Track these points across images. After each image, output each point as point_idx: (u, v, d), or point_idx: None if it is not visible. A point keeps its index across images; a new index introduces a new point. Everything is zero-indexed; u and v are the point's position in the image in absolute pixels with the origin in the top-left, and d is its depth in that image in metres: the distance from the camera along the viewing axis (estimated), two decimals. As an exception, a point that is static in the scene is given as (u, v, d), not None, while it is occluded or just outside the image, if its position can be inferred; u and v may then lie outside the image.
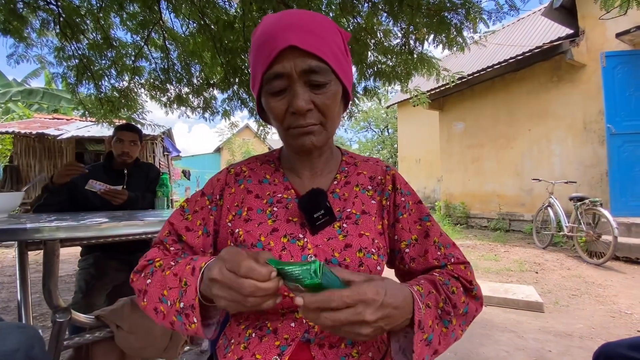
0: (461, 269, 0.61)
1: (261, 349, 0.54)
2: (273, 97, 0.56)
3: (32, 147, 7.76)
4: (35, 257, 3.54)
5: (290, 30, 0.52)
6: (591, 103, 5.03)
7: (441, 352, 0.53)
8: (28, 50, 3.16)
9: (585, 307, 2.50)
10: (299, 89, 0.54)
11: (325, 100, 0.55)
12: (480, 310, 0.61)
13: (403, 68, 3.02)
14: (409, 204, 0.66)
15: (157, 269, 0.57)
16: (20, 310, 1.06)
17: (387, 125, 20.26)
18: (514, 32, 7.09)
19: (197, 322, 0.48)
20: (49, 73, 4.13)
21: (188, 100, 3.90)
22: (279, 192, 0.64)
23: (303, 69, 0.53)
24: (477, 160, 6.89)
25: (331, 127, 0.59)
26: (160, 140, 8.86)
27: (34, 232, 0.79)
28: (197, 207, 0.65)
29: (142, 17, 3.07)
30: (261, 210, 0.62)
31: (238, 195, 0.64)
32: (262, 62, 0.54)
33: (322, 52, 0.53)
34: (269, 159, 0.71)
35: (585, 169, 5.13)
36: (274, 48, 0.52)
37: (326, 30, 0.55)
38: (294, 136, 0.58)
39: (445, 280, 0.57)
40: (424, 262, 0.63)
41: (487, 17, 2.30)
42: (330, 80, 0.55)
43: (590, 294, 2.77)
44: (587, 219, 4.00)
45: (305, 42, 0.52)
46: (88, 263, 1.61)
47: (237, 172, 0.67)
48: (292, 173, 0.67)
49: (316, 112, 0.56)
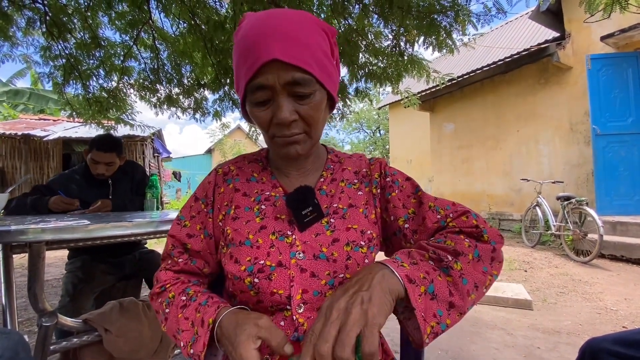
0: (463, 221, 0.59)
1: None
2: (257, 107, 0.56)
3: (17, 148, 7.58)
4: (20, 260, 3.46)
5: (273, 39, 0.50)
6: (577, 104, 5.14)
7: (464, 305, 0.48)
8: (13, 49, 3.10)
9: (572, 304, 2.55)
10: (283, 101, 0.53)
11: (309, 111, 0.55)
12: (502, 245, 0.57)
13: (394, 69, 3.05)
14: (398, 181, 0.66)
15: (172, 302, 0.58)
16: (5, 316, 1.03)
17: (379, 126, 20.40)
18: (502, 35, 7.22)
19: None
20: (35, 73, 4.05)
21: (178, 101, 3.86)
22: (267, 190, 0.64)
23: (287, 81, 0.52)
24: (467, 161, 6.98)
25: (315, 135, 0.59)
26: (150, 142, 8.75)
27: (18, 234, 0.77)
28: (193, 212, 0.65)
29: (131, 16, 3.03)
30: (249, 208, 0.62)
31: (227, 195, 0.64)
32: (245, 73, 0.53)
33: (305, 63, 0.52)
34: (257, 157, 0.71)
35: (572, 169, 5.25)
36: (257, 59, 0.51)
37: (310, 35, 0.53)
38: (279, 145, 0.58)
39: (437, 240, 0.56)
40: (424, 230, 0.61)
41: (476, 20, 2.34)
42: (315, 90, 0.55)
43: (577, 292, 2.83)
44: (574, 218, 4.08)
45: (288, 54, 0.50)
46: (75, 266, 1.57)
47: (225, 172, 0.67)
48: (280, 172, 0.67)
49: (301, 122, 0.56)
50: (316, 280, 0.55)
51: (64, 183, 1.70)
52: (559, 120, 5.40)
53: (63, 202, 1.56)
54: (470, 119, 6.83)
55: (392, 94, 3.66)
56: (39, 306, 0.95)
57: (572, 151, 5.26)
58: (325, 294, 0.55)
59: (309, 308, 0.55)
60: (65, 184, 1.70)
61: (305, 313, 0.55)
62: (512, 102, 6.06)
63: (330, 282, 0.56)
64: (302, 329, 0.54)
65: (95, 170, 1.72)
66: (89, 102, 3.49)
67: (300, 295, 0.55)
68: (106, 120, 3.84)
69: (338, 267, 0.56)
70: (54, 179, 1.76)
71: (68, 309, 1.39)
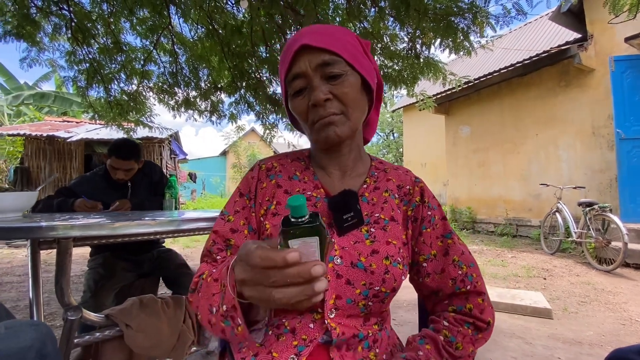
0: (478, 303, 0.61)
1: (278, 347, 0.54)
2: (295, 97, 0.59)
3: (42, 149, 7.89)
4: (45, 257, 3.59)
5: (304, 35, 0.57)
6: (600, 107, 4.98)
7: None
8: (40, 54, 3.23)
9: (595, 314, 2.46)
10: (316, 83, 0.57)
11: (343, 89, 0.57)
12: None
13: (409, 72, 3.03)
14: (435, 218, 0.65)
15: (204, 281, 0.56)
16: (32, 308, 1.08)
17: (393, 129, 20.24)
18: (521, 37, 7.07)
19: (242, 324, 0.46)
20: (60, 76, 4.21)
21: (195, 104, 3.94)
22: (308, 189, 0.65)
23: (317, 63, 0.56)
24: (483, 165, 6.85)
25: (353, 116, 0.60)
26: (167, 143, 8.96)
27: (49, 230, 0.80)
28: (237, 207, 0.65)
29: (151, 22, 3.13)
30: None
31: (269, 190, 0.65)
32: (283, 68, 0.59)
33: (333, 46, 0.56)
34: (299, 156, 0.71)
35: (594, 174, 5.07)
36: (290, 52, 0.57)
37: (341, 33, 0.59)
38: (318, 129, 0.59)
39: (451, 337, 0.58)
40: (439, 279, 0.63)
41: (495, 21, 2.30)
42: (346, 70, 0.58)
43: (600, 301, 2.73)
44: (597, 225, 3.94)
45: (316, 39, 0.56)
46: (97, 263, 1.62)
47: (268, 167, 0.68)
48: (322, 171, 0.68)
49: (336, 101, 0.58)
50: (351, 288, 0.55)
51: (85, 185, 1.77)
52: (581, 124, 5.24)
53: (86, 205, 1.62)
54: (487, 122, 6.70)
55: (407, 96, 3.64)
56: (65, 300, 0.98)
57: (594, 156, 5.08)
58: (359, 303, 0.55)
59: (340, 314, 0.55)
60: (87, 186, 1.77)
61: (336, 318, 0.55)
62: (531, 105, 5.92)
63: (365, 292, 0.55)
64: (335, 333, 0.54)
65: (115, 176, 1.78)
66: (110, 105, 3.61)
67: (334, 300, 0.55)
68: (126, 122, 3.96)
69: (375, 280, 0.55)
70: (75, 181, 1.83)
71: (90, 304, 1.44)
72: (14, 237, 0.81)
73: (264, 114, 3.91)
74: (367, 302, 0.56)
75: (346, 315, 0.56)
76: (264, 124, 4.01)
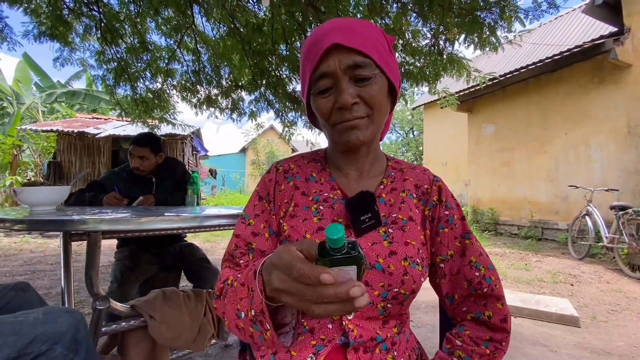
0: (498, 309, 0.59)
1: (296, 346, 0.54)
2: (320, 95, 0.58)
3: (73, 144, 8.29)
4: (75, 248, 3.78)
5: (333, 31, 0.55)
6: (637, 105, 4.69)
7: None
8: (72, 54, 3.39)
9: (626, 324, 2.33)
10: (344, 85, 0.55)
11: (371, 92, 0.56)
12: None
13: (432, 69, 2.96)
14: (453, 218, 0.64)
15: (229, 287, 0.55)
16: (64, 297, 1.14)
17: (413, 127, 19.90)
18: (552, 31, 6.76)
19: (270, 329, 0.45)
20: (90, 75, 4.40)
21: (217, 102, 4.02)
22: (325, 191, 0.64)
23: (348, 64, 0.54)
24: (507, 165, 6.61)
25: (378, 119, 0.59)
26: (189, 140, 9.19)
27: (80, 224, 0.84)
28: (257, 211, 0.64)
29: (175, 21, 3.21)
30: (307, 207, 0.62)
31: (287, 192, 0.65)
32: (310, 65, 0.57)
33: (365, 48, 0.54)
34: (315, 157, 0.71)
35: (629, 176, 4.79)
36: (319, 49, 0.55)
37: (369, 30, 0.57)
38: (340, 132, 0.59)
39: (466, 358, 0.57)
40: (454, 280, 0.61)
41: (524, 15, 2.20)
42: (375, 74, 0.56)
43: (632, 310, 2.58)
44: (630, 230, 3.73)
45: (348, 39, 0.54)
46: (123, 255, 1.70)
47: (285, 169, 0.68)
48: (338, 172, 0.67)
49: (363, 105, 0.57)
50: (369, 290, 0.54)
51: (114, 179, 1.84)
52: (615, 123, 4.95)
53: (115, 197, 1.68)
54: (513, 120, 6.45)
55: (429, 94, 3.55)
56: (94, 290, 1.03)
57: (629, 157, 4.80)
58: (378, 305, 0.55)
59: (358, 316, 0.55)
60: (115, 180, 1.84)
61: (354, 320, 0.55)
62: (560, 103, 5.65)
63: (384, 294, 0.55)
64: (353, 335, 0.54)
65: (132, 165, 1.83)
66: (136, 103, 3.74)
67: None
68: (151, 119, 4.09)
69: (393, 281, 0.55)
70: (105, 175, 1.91)
71: (116, 295, 1.50)
72: (47, 229, 0.85)
73: (283, 111, 3.94)
74: (386, 305, 0.55)
75: (365, 318, 0.55)
76: (283, 121, 4.04)
